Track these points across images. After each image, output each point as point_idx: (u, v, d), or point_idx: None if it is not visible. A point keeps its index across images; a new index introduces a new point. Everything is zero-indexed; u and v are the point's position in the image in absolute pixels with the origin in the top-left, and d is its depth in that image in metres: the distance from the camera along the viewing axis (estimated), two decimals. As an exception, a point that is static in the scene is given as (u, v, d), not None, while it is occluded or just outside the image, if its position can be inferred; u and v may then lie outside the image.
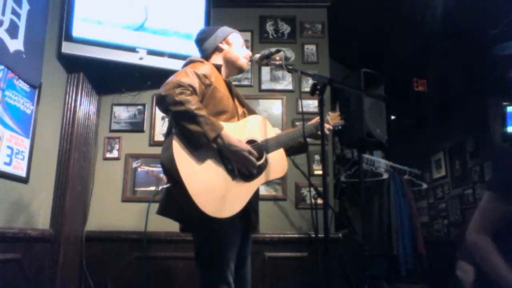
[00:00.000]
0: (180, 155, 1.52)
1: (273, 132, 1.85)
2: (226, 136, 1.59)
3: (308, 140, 2.02)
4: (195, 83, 1.63)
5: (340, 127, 2.12)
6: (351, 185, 3.68)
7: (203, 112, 1.55)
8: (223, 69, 1.89)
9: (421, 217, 5.78)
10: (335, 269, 2.75)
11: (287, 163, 1.86)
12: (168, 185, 1.70)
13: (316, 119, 1.96)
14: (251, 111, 1.94)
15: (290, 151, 1.97)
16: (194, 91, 1.60)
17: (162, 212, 1.70)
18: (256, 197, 1.82)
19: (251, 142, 1.72)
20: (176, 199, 1.61)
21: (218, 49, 1.91)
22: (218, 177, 1.58)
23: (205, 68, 1.74)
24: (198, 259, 1.68)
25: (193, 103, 1.54)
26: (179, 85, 1.56)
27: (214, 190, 1.55)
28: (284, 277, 2.72)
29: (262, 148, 1.73)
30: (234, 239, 1.67)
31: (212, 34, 1.93)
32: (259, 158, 1.69)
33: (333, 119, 2.07)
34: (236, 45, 1.92)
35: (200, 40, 1.95)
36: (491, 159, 4.52)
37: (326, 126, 1.96)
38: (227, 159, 1.61)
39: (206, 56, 1.92)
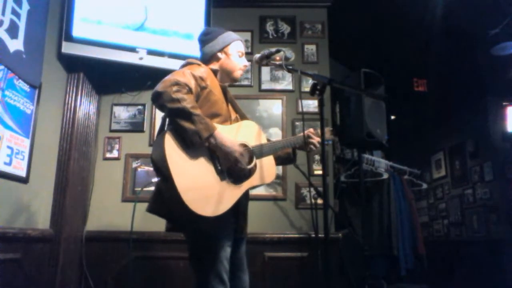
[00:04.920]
0: (172, 151, 1.54)
1: (264, 139, 1.88)
2: (219, 136, 1.60)
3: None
4: (191, 83, 1.65)
5: (330, 142, 2.08)
6: (351, 185, 3.68)
7: (198, 111, 1.57)
8: (218, 75, 1.90)
9: (421, 217, 5.79)
10: (335, 269, 2.75)
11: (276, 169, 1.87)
12: (156, 180, 1.71)
13: (308, 131, 1.95)
14: (244, 118, 1.95)
15: (278, 161, 1.97)
16: (190, 91, 1.62)
17: (150, 209, 1.70)
18: (246, 200, 1.85)
19: (242, 146, 1.74)
20: (164, 196, 1.62)
21: (215, 58, 1.91)
22: (207, 176, 1.60)
23: (202, 71, 1.76)
24: (191, 258, 1.69)
25: (188, 102, 1.56)
26: (176, 83, 1.59)
27: (202, 189, 1.56)
28: (284, 277, 2.72)
29: (252, 153, 1.76)
30: (225, 238, 1.67)
31: (213, 39, 1.91)
32: (249, 162, 1.72)
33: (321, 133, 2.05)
34: (234, 56, 1.91)
35: (202, 42, 1.95)
36: (491, 159, 4.53)
37: (316, 139, 1.94)
38: (218, 159, 1.63)
39: (204, 60, 1.93)
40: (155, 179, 2.73)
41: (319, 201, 2.70)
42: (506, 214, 4.25)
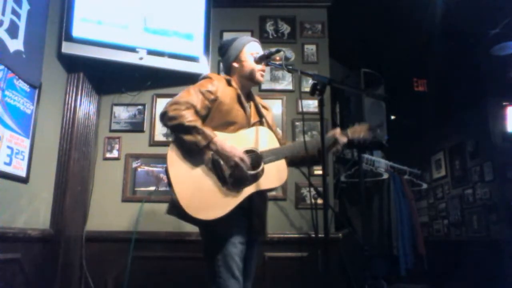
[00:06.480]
0: (173, 161, 1.70)
1: (275, 143, 1.88)
2: (219, 142, 1.70)
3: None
4: (195, 100, 1.76)
5: (366, 140, 2.01)
6: (351, 185, 3.68)
7: (195, 124, 1.69)
8: (238, 83, 1.93)
9: (421, 217, 5.79)
10: (335, 269, 2.75)
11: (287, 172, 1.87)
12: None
13: (335, 132, 1.95)
14: (268, 123, 1.96)
15: (301, 162, 1.99)
16: (191, 107, 1.74)
17: (168, 211, 1.78)
18: (261, 203, 1.88)
19: (249, 152, 1.78)
20: (174, 200, 1.70)
21: (232, 69, 1.96)
22: (207, 183, 1.70)
23: (211, 85, 1.84)
24: (205, 255, 1.76)
25: (186, 117, 1.69)
26: (175, 103, 1.74)
27: (201, 195, 1.67)
28: (284, 277, 2.72)
29: (259, 158, 1.78)
30: (235, 236, 1.72)
31: (227, 51, 1.97)
32: (255, 167, 1.75)
33: (354, 132, 1.97)
34: (248, 61, 1.92)
35: (220, 56, 2.06)
36: (491, 159, 4.53)
37: (342, 139, 1.93)
38: (219, 166, 1.70)
39: (226, 72, 2.01)
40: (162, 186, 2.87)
41: (319, 201, 2.70)
42: (506, 214, 4.25)
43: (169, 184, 1.68)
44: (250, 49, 1.95)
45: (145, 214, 2.80)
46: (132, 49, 2.77)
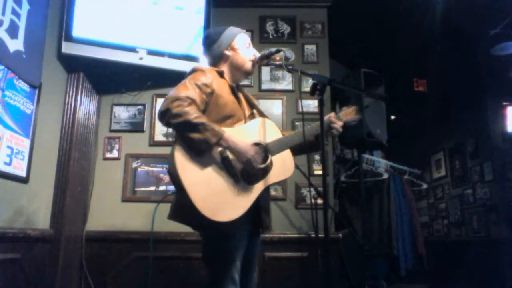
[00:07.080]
0: (183, 163, 1.58)
1: (278, 133, 1.84)
2: (230, 139, 1.62)
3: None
4: (194, 94, 1.66)
5: (356, 123, 2.01)
6: (351, 185, 3.68)
7: (202, 120, 1.58)
8: (229, 74, 1.89)
9: (421, 217, 5.78)
10: (335, 269, 2.75)
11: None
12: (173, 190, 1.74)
13: (329, 115, 1.89)
14: (261, 113, 1.93)
15: (303, 150, 1.94)
16: (193, 102, 1.63)
17: (172, 217, 1.72)
18: (267, 198, 1.84)
19: (256, 145, 1.73)
20: (182, 204, 1.64)
21: (224, 57, 1.89)
22: (220, 182, 1.61)
23: (206, 77, 1.75)
24: (205, 257, 1.72)
25: (191, 113, 1.58)
26: (177, 98, 1.61)
27: (216, 195, 1.58)
28: (284, 277, 2.72)
29: (267, 151, 1.74)
30: (241, 240, 1.69)
31: (217, 40, 1.90)
32: (264, 161, 1.70)
33: (346, 114, 1.94)
34: (241, 49, 1.89)
35: (206, 46, 1.94)
36: (491, 159, 4.53)
37: (338, 123, 1.87)
38: (229, 163, 1.63)
39: (213, 63, 1.92)
40: (170, 191, 2.80)
41: (319, 201, 2.70)
42: (506, 214, 4.25)
43: (180, 187, 1.57)
44: (243, 39, 1.92)
45: (144, 214, 2.80)
46: (132, 49, 2.77)
